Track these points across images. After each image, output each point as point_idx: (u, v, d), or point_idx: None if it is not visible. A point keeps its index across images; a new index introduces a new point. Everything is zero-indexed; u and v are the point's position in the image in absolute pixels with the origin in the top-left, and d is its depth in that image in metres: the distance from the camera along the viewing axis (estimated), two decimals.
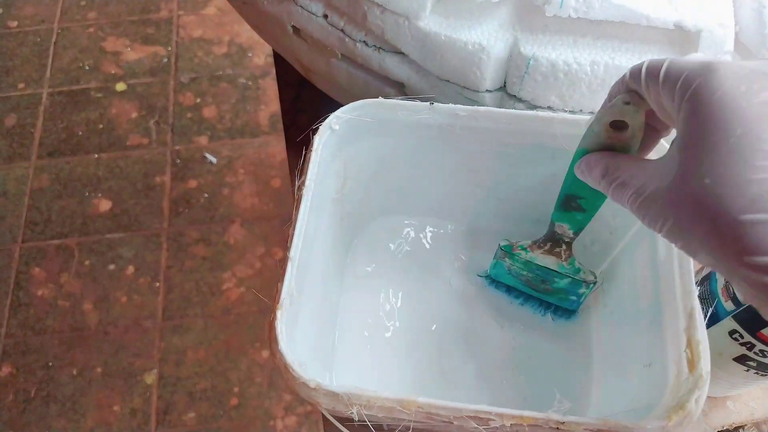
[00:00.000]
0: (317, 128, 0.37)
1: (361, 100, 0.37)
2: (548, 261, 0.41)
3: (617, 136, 0.30)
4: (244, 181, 1.30)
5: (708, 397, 0.36)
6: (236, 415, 1.10)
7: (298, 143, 0.38)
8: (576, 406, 0.38)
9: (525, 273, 0.42)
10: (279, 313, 0.32)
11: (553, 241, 0.40)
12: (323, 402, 0.31)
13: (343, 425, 0.36)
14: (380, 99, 0.37)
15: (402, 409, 0.30)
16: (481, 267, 0.45)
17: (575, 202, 0.37)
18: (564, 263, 0.40)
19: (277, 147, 1.34)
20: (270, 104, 1.40)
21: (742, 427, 0.83)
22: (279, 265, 0.34)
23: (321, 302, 0.39)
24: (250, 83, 1.43)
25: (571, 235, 0.39)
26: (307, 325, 0.35)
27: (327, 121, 0.37)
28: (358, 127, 0.38)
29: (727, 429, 0.65)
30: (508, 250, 0.42)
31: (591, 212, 0.37)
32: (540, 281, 0.42)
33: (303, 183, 0.36)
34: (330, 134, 0.37)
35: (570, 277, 0.40)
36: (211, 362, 1.14)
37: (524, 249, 0.41)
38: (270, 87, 1.42)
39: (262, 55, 1.44)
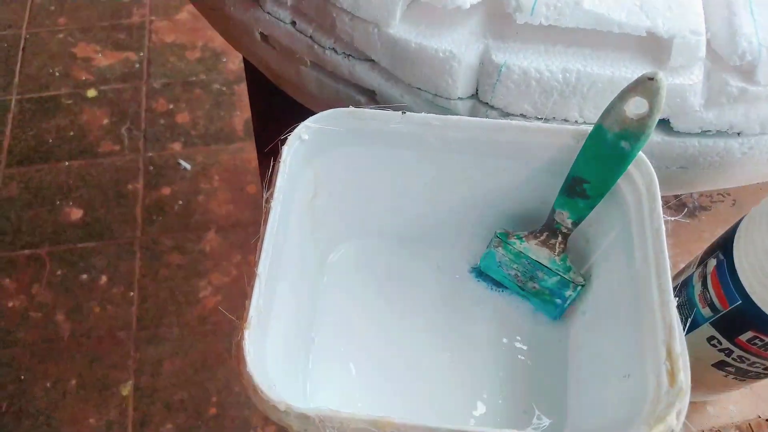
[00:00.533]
0: (286, 138, 0.36)
1: (332, 110, 0.36)
2: (541, 254, 0.41)
3: (636, 115, 0.33)
4: (219, 188, 1.28)
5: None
6: (215, 426, 1.08)
7: (268, 153, 0.37)
8: (553, 419, 0.37)
9: (515, 266, 0.42)
10: (247, 333, 0.31)
11: (550, 231, 0.41)
12: (294, 424, 0.30)
13: None
14: (351, 108, 0.37)
15: (377, 430, 0.29)
16: (458, 276, 0.45)
17: (581, 187, 0.37)
18: (556, 258, 0.41)
19: (252, 153, 1.33)
20: (245, 110, 1.38)
21: (719, 430, 0.84)
22: (247, 281, 0.33)
23: (293, 319, 0.38)
24: (224, 89, 1.41)
25: (570, 225, 0.40)
26: (277, 343, 0.34)
27: (296, 131, 0.36)
28: (328, 137, 0.37)
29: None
30: (503, 238, 0.42)
31: (594, 200, 0.37)
32: (528, 277, 0.42)
33: (271, 195, 0.34)
34: (299, 144, 0.36)
35: (559, 275, 0.40)
36: (188, 372, 1.12)
37: (520, 238, 0.41)
38: (245, 93, 1.40)
39: (236, 60, 1.43)
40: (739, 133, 0.39)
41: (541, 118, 0.38)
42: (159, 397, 1.10)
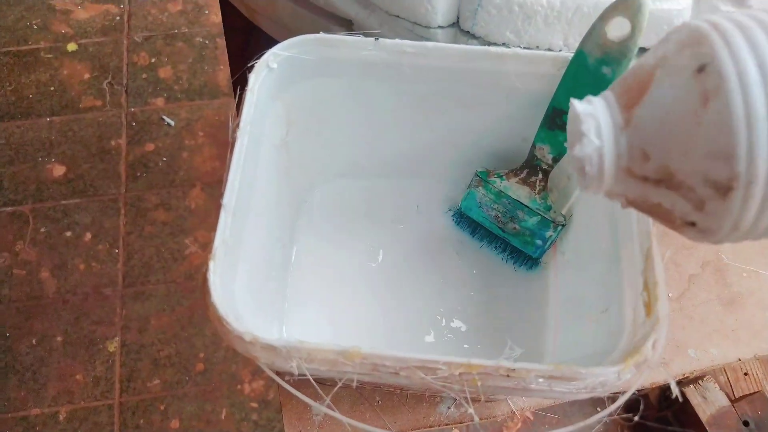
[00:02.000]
0: (253, 66, 0.34)
1: (300, 36, 0.35)
2: (522, 193, 0.40)
3: (618, 37, 0.32)
4: (203, 144, 1.26)
5: (669, 346, 0.35)
6: (202, 381, 1.08)
7: (237, 82, 0.35)
8: (531, 355, 0.36)
9: (495, 206, 0.41)
10: (212, 264, 0.30)
11: (530, 168, 0.40)
12: (261, 356, 0.29)
13: (294, 385, 0.34)
14: (321, 34, 0.35)
15: (345, 360, 0.28)
16: (439, 216, 0.43)
17: (561, 119, 0.36)
18: (537, 197, 0.40)
19: (230, 116, 1.30)
20: (229, 65, 1.35)
21: (701, 378, 0.84)
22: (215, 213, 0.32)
23: (267, 258, 0.37)
24: (207, 42, 1.37)
25: (550, 161, 0.39)
26: (248, 277, 0.33)
27: (263, 58, 0.34)
28: (298, 66, 0.36)
29: (686, 378, 0.65)
30: (483, 177, 0.41)
31: None
32: (509, 218, 0.41)
33: (237, 125, 0.33)
34: (267, 73, 0.35)
35: (540, 214, 0.39)
36: (174, 328, 1.12)
37: (500, 177, 0.40)
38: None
39: (219, 13, 1.39)
40: None
41: (524, 47, 0.37)
42: (146, 353, 1.10)
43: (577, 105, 0.24)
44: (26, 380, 1.07)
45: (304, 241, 0.42)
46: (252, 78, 0.34)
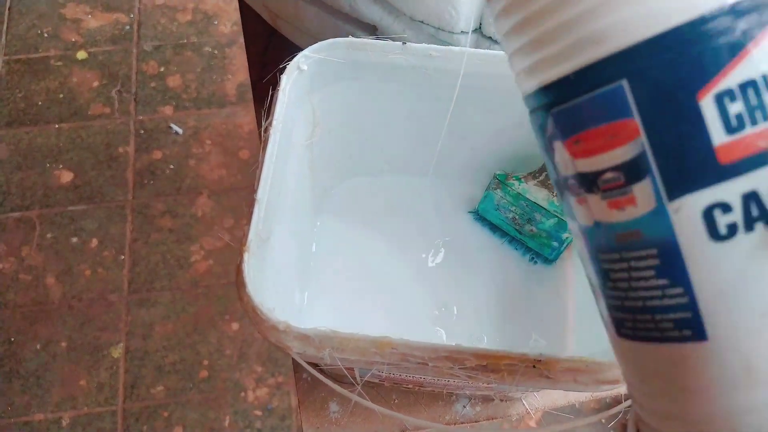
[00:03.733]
0: (284, 68, 0.35)
1: (331, 39, 0.36)
2: (539, 195, 0.41)
3: None
4: (211, 152, 1.27)
5: None
6: (206, 388, 1.08)
7: (266, 84, 0.36)
8: (552, 349, 0.37)
9: (513, 208, 0.42)
10: (246, 256, 0.31)
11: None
12: (294, 346, 0.30)
13: (310, 385, 0.35)
14: (350, 38, 0.36)
15: (376, 350, 0.29)
16: (457, 216, 0.45)
17: None
18: (554, 199, 0.40)
19: (245, 118, 1.31)
20: (237, 74, 1.36)
21: None
22: (246, 208, 0.32)
23: (292, 248, 0.38)
24: (216, 52, 1.39)
25: None
26: (277, 269, 0.34)
27: (295, 60, 0.35)
28: (327, 69, 0.37)
29: None
30: (502, 179, 0.41)
31: None
32: (526, 220, 0.42)
33: (270, 124, 0.34)
34: (298, 74, 0.36)
35: (557, 216, 0.40)
36: (179, 335, 1.12)
37: (518, 179, 0.41)
38: (237, 56, 1.38)
39: (228, 23, 1.40)
40: None
41: None
42: (150, 360, 1.10)
43: None
44: (30, 385, 1.07)
45: (324, 237, 0.43)
46: (284, 79, 0.35)
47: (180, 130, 1.30)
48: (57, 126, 1.30)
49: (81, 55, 1.38)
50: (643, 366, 0.18)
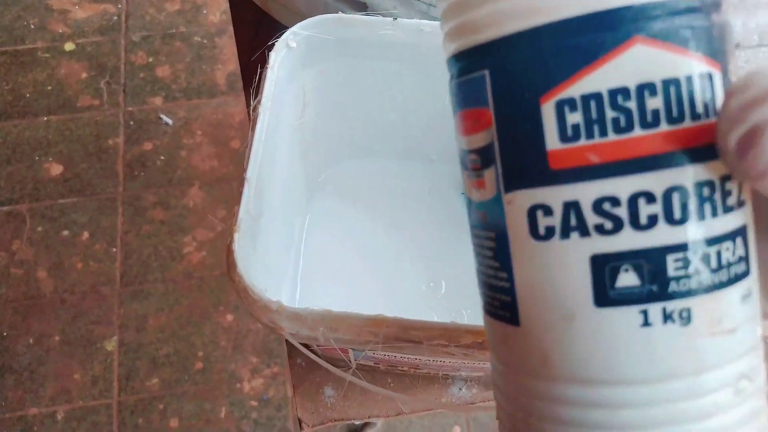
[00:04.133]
0: (273, 45, 0.35)
1: (320, 16, 0.35)
2: None
3: None
4: (202, 143, 1.26)
5: None
6: (201, 379, 1.08)
7: (255, 62, 0.36)
8: None
9: None
10: (236, 236, 0.30)
11: None
12: (286, 326, 0.30)
13: (305, 369, 0.35)
14: (340, 14, 0.35)
15: (370, 328, 0.29)
16: (450, 199, 0.44)
17: None
18: None
19: (236, 107, 1.30)
20: (227, 63, 1.35)
21: None
22: (237, 194, 0.32)
23: (283, 230, 0.38)
24: (205, 41, 1.38)
25: None
26: (269, 250, 0.34)
27: (283, 36, 0.35)
28: (316, 46, 0.36)
29: None
30: None
31: None
32: None
33: (259, 102, 0.33)
34: (287, 52, 0.35)
35: None
36: (173, 327, 1.11)
37: None
38: (227, 45, 1.37)
39: (217, 12, 1.39)
40: (737, 45, 0.38)
41: None
42: (144, 352, 1.10)
43: None
44: (24, 380, 1.07)
45: (318, 217, 0.42)
46: (272, 56, 0.34)
47: (170, 121, 1.29)
48: (45, 118, 1.29)
49: (69, 46, 1.37)
50: (488, 337, 0.20)
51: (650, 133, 0.15)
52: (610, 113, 0.15)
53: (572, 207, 0.16)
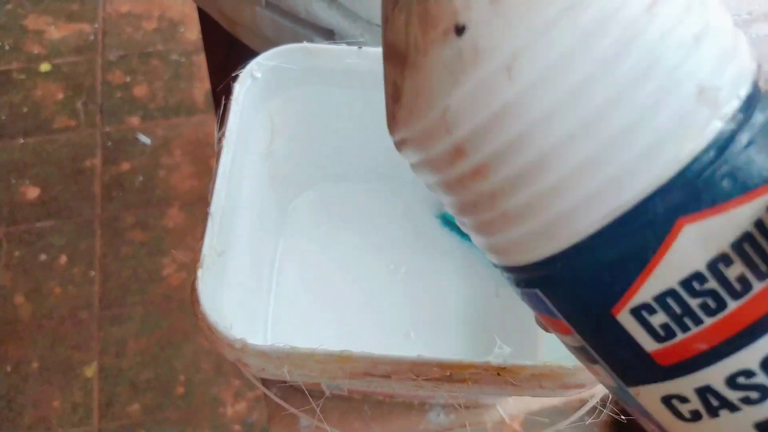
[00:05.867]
0: (237, 76, 0.34)
1: (284, 45, 0.35)
2: None
3: None
4: (181, 163, 1.25)
5: None
6: (183, 404, 1.06)
7: (221, 93, 0.35)
8: (521, 355, 0.37)
9: None
10: (200, 273, 0.30)
11: None
12: (252, 363, 0.29)
13: (281, 397, 0.34)
14: (304, 44, 0.35)
15: (337, 365, 0.28)
16: (425, 221, 0.44)
17: None
18: None
19: (215, 126, 1.30)
20: (205, 81, 1.34)
21: None
22: (202, 217, 0.31)
23: (253, 266, 0.37)
24: (183, 59, 1.37)
25: None
26: (236, 285, 0.33)
27: (248, 67, 0.34)
28: (282, 76, 0.36)
29: None
30: None
31: None
32: None
33: (223, 134, 0.33)
34: (252, 83, 0.35)
35: None
36: (153, 351, 1.10)
37: None
38: (204, 63, 1.36)
39: (194, 30, 1.38)
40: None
41: None
42: (125, 378, 1.08)
43: None
44: (1, 409, 1.04)
45: (289, 247, 0.42)
46: (237, 87, 0.34)
47: (148, 141, 1.27)
48: (22, 140, 1.27)
49: (44, 67, 1.36)
50: None
51: (748, 299, 0.14)
52: (694, 302, 0.14)
53: (707, 391, 0.15)
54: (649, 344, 0.15)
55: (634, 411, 0.17)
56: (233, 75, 0.34)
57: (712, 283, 0.14)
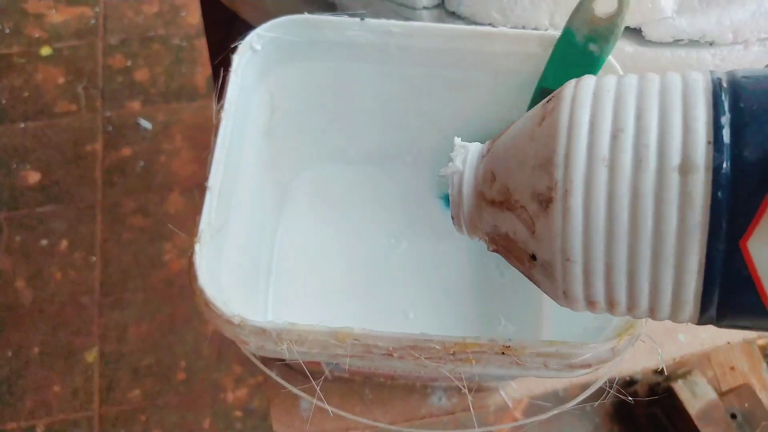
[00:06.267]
0: (236, 47, 0.33)
1: (285, 17, 0.34)
2: None
3: (605, 13, 0.32)
4: (182, 148, 1.24)
5: (659, 331, 0.35)
6: (184, 390, 1.06)
7: (219, 65, 0.34)
8: (525, 334, 0.36)
9: None
10: (198, 247, 0.29)
11: None
12: (250, 341, 0.28)
13: (283, 377, 0.33)
14: (306, 15, 0.34)
15: (337, 342, 0.27)
16: (427, 201, 0.43)
17: None
18: None
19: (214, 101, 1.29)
20: (207, 66, 1.33)
21: (689, 372, 0.84)
22: (198, 197, 0.31)
23: (252, 239, 0.36)
24: (184, 44, 1.36)
25: None
26: (234, 262, 0.32)
27: (247, 39, 0.34)
28: (282, 49, 0.35)
29: (677, 367, 0.64)
30: None
31: None
32: None
33: (222, 107, 0.32)
34: (251, 55, 0.34)
35: None
36: (154, 337, 1.10)
37: None
38: (206, 48, 1.35)
39: (196, 13, 1.37)
40: (711, 43, 0.37)
41: (510, 27, 0.36)
42: (125, 363, 1.08)
43: (456, 139, 0.27)
44: (2, 393, 1.04)
45: (290, 225, 0.41)
46: (236, 59, 0.33)
47: (149, 126, 1.27)
48: (22, 125, 1.26)
49: (45, 51, 1.35)
50: None
51: None
52: None
53: None
54: None
55: None
56: (232, 46, 0.34)
57: None
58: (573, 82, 0.22)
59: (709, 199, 0.17)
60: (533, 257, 0.22)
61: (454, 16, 0.37)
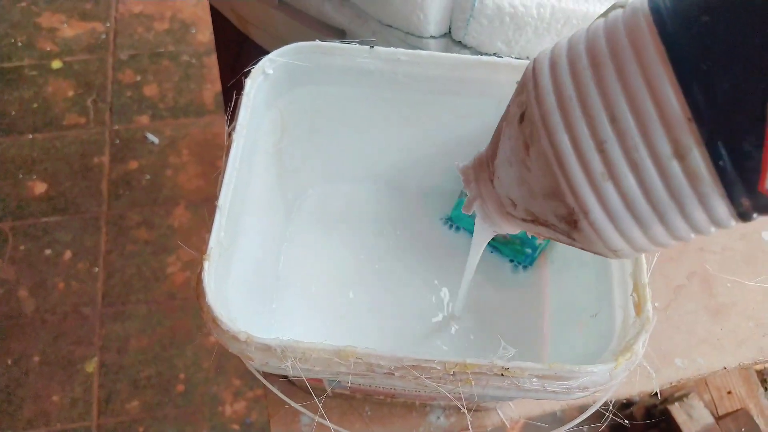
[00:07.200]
0: (249, 72, 0.34)
1: (297, 43, 0.35)
2: None
3: None
4: (188, 162, 1.25)
5: (656, 355, 0.35)
6: (183, 402, 1.06)
7: (231, 88, 0.35)
8: (524, 357, 0.37)
9: None
10: (207, 264, 0.30)
11: None
12: (255, 357, 0.29)
13: (285, 393, 0.34)
14: (317, 42, 0.35)
15: (340, 360, 0.28)
16: (431, 223, 0.44)
17: None
18: None
19: (223, 127, 1.30)
20: (215, 82, 1.35)
21: (686, 395, 0.84)
22: (208, 216, 0.32)
23: (258, 257, 0.37)
24: (193, 61, 1.38)
25: None
26: (241, 278, 0.33)
27: (260, 64, 0.35)
28: (293, 73, 0.36)
29: (673, 391, 0.64)
30: None
31: None
32: None
33: (233, 129, 0.33)
34: (263, 79, 0.35)
35: None
36: (155, 349, 1.10)
37: None
38: (215, 65, 1.37)
39: (206, 31, 1.39)
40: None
41: (514, 57, 0.38)
42: (125, 374, 1.08)
43: (456, 163, 0.28)
44: (0, 402, 1.05)
45: (295, 244, 0.42)
46: (248, 83, 0.34)
47: (156, 140, 1.28)
48: (31, 136, 1.28)
49: (56, 64, 1.37)
50: None
51: None
52: None
53: None
54: None
55: None
56: (245, 71, 0.35)
57: None
58: (529, 88, 0.22)
59: (714, 170, 0.18)
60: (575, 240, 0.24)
61: (461, 45, 0.38)
